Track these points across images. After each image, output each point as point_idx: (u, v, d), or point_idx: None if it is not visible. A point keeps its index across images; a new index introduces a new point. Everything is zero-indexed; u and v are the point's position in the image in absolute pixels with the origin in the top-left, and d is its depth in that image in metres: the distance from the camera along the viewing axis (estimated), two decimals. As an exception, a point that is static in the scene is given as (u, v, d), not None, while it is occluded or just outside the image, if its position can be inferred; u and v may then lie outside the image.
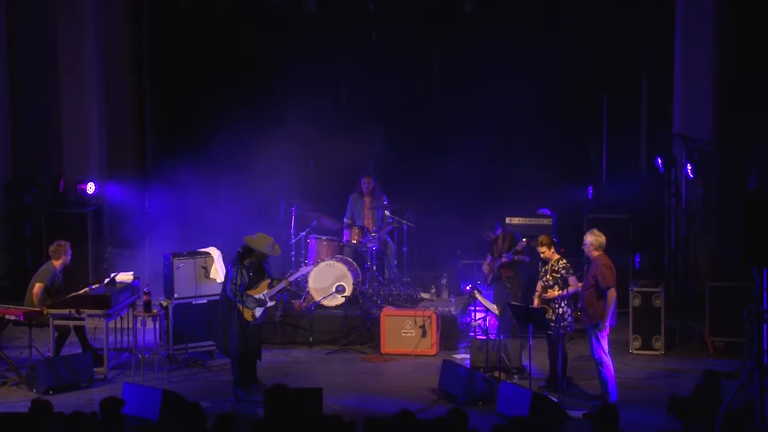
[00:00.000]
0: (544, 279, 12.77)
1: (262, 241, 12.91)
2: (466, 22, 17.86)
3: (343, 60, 18.42)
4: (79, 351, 13.85)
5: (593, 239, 12.50)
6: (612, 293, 12.26)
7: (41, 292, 13.71)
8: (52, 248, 14.09)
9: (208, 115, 18.21)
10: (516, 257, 14.69)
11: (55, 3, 17.75)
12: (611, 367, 12.41)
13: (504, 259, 14.67)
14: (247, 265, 12.79)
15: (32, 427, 8.86)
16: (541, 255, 12.85)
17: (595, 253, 12.47)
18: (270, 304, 13.04)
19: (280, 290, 13.16)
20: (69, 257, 14.07)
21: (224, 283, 13.03)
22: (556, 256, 12.79)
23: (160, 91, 18.85)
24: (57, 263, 13.95)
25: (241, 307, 12.68)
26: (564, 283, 12.58)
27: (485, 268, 15.06)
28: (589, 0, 17.72)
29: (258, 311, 12.83)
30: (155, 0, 18.76)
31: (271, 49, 18.32)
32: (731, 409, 10.91)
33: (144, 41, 18.79)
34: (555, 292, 12.61)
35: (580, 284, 12.61)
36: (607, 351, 12.41)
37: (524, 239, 14.70)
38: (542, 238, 12.94)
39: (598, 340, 12.32)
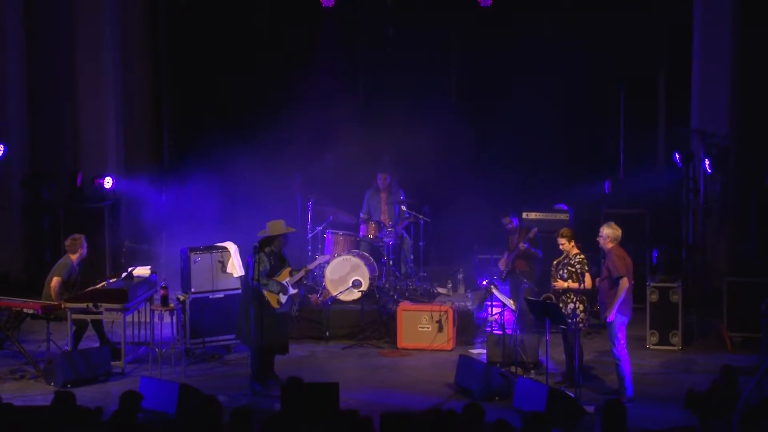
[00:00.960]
0: (561, 271, 12.74)
1: (274, 227, 12.94)
2: (485, 17, 17.79)
3: (361, 54, 18.42)
4: (97, 345, 13.89)
5: (610, 232, 12.47)
6: (623, 282, 12.21)
7: (59, 286, 13.76)
8: (67, 242, 14.14)
9: (224, 111, 18.27)
10: (531, 248, 14.67)
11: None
12: (628, 363, 12.37)
13: (522, 246, 14.65)
14: (268, 253, 12.83)
15: (56, 419, 8.87)
16: (560, 246, 12.81)
17: (610, 245, 12.45)
18: (293, 291, 13.05)
19: (301, 278, 13.19)
20: (85, 250, 14.11)
21: (245, 275, 13.03)
22: (575, 251, 12.75)
23: (176, 87, 18.90)
24: (74, 257, 14.00)
25: (266, 293, 12.70)
26: (579, 278, 12.56)
27: (502, 264, 15.06)
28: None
29: (283, 298, 12.85)
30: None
31: (288, 45, 18.33)
32: (749, 404, 10.87)
33: (161, 37, 18.83)
34: (563, 284, 12.58)
35: (597, 279, 12.59)
36: (624, 346, 12.37)
37: (535, 228, 14.73)
38: (564, 230, 12.94)
39: (615, 334, 12.28)
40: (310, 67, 17.95)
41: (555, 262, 12.95)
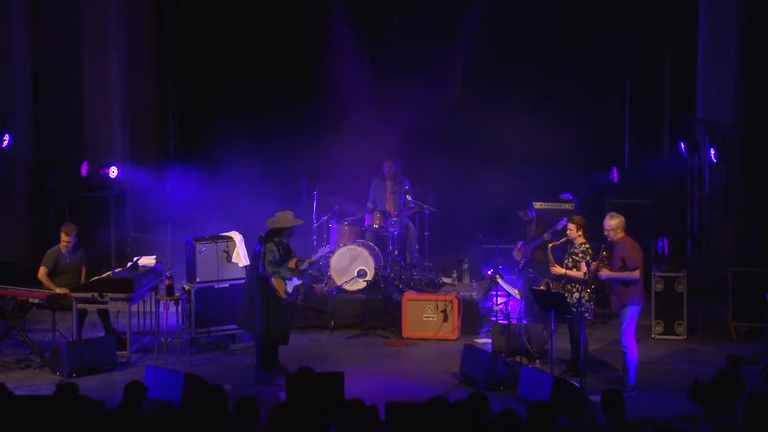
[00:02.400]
0: (566, 260, 12.71)
1: (283, 218, 12.95)
2: (492, 4, 17.74)
3: (366, 44, 18.38)
4: (102, 334, 13.91)
5: (617, 222, 12.35)
6: (636, 273, 12.17)
7: (45, 276, 13.78)
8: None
9: (230, 100, 18.25)
10: (554, 239, 14.65)
11: (80, -14, 17.84)
12: (635, 353, 12.35)
13: (546, 237, 14.59)
14: (276, 242, 12.83)
15: (58, 410, 8.88)
16: (567, 232, 12.76)
17: (620, 235, 12.34)
18: (298, 282, 13.06)
19: (306, 268, 13.20)
20: (72, 238, 13.97)
21: (251, 265, 13.01)
22: (581, 240, 12.67)
23: (182, 76, 18.89)
24: (61, 245, 13.98)
25: (274, 282, 12.70)
26: (579, 267, 12.53)
27: (516, 254, 15.02)
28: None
29: (290, 286, 12.86)
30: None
31: (293, 35, 18.30)
32: (754, 394, 10.86)
33: (167, 26, 18.82)
34: (560, 270, 12.55)
35: (587, 275, 12.45)
36: (632, 335, 12.34)
37: (565, 219, 14.64)
38: (576, 217, 12.90)
39: (626, 324, 12.24)
40: (317, 56, 17.92)
41: (550, 246, 12.94)
